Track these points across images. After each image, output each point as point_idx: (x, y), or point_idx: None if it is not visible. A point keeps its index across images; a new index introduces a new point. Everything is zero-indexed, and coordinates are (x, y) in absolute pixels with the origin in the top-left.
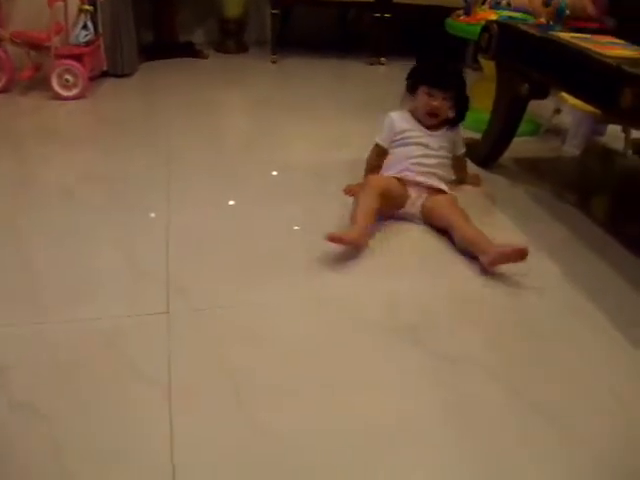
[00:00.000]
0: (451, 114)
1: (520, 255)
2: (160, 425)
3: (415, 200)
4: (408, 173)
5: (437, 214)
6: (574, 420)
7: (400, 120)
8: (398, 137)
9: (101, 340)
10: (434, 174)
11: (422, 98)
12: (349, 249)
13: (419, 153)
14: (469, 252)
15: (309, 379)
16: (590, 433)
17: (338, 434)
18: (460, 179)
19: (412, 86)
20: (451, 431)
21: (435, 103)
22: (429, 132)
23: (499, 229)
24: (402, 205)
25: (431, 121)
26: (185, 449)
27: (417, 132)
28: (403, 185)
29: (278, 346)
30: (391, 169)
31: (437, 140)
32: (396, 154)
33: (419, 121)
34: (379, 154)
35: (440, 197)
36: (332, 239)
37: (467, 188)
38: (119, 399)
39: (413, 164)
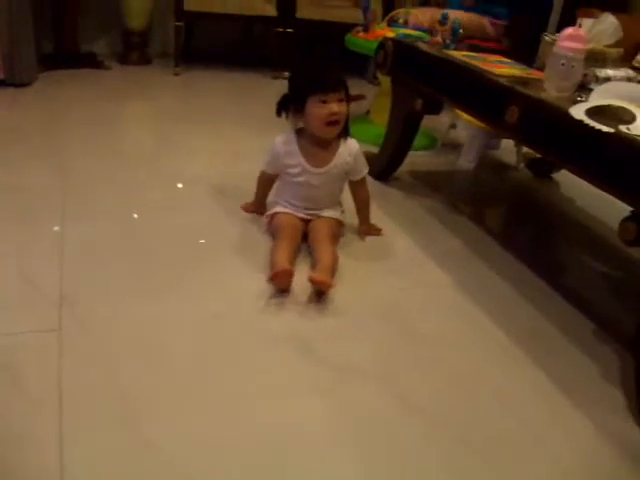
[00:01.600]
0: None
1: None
2: (49, 450)
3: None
4: (293, 210)
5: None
6: (460, 423)
7: (284, 152)
8: (283, 169)
9: None
10: (320, 209)
11: (315, 110)
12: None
13: (302, 194)
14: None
15: (201, 392)
16: (478, 437)
17: (228, 447)
18: (362, 220)
19: (299, 104)
20: (344, 436)
21: (335, 109)
22: (314, 170)
23: (392, 241)
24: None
25: (332, 132)
26: (76, 470)
27: (299, 170)
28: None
29: (171, 360)
30: (279, 203)
31: (322, 177)
32: (283, 184)
33: (305, 149)
34: (266, 179)
35: (317, 223)
36: (273, 276)
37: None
38: (5, 421)
39: (296, 203)
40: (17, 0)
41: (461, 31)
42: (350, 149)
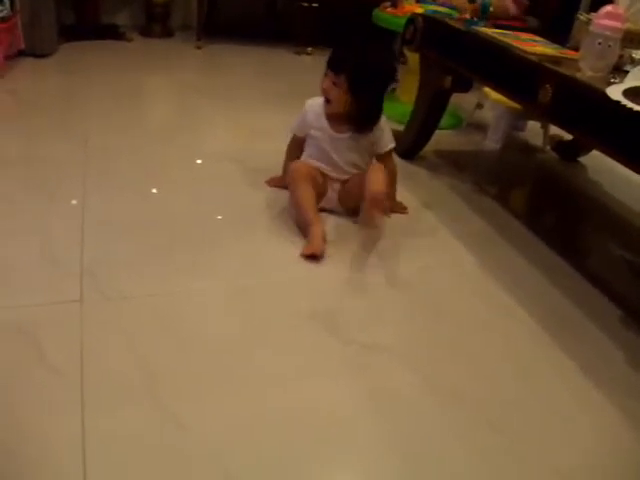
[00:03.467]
0: (352, 109)
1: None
2: (70, 419)
3: (330, 194)
4: (322, 166)
5: (353, 194)
6: (484, 404)
7: (312, 113)
8: (308, 131)
9: (10, 328)
10: (345, 172)
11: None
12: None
13: (324, 155)
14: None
15: (227, 370)
16: (502, 419)
17: (259, 426)
18: (388, 196)
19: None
20: (375, 419)
21: (323, 85)
22: (335, 134)
23: (418, 220)
24: (324, 194)
25: (328, 108)
26: (97, 445)
27: (321, 133)
28: (322, 174)
29: (195, 336)
30: (309, 157)
31: (343, 143)
32: (310, 145)
33: (331, 115)
34: (296, 143)
35: (355, 178)
36: (308, 256)
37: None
38: (27, 390)
39: (322, 163)
40: None
41: (491, 9)
42: (378, 123)
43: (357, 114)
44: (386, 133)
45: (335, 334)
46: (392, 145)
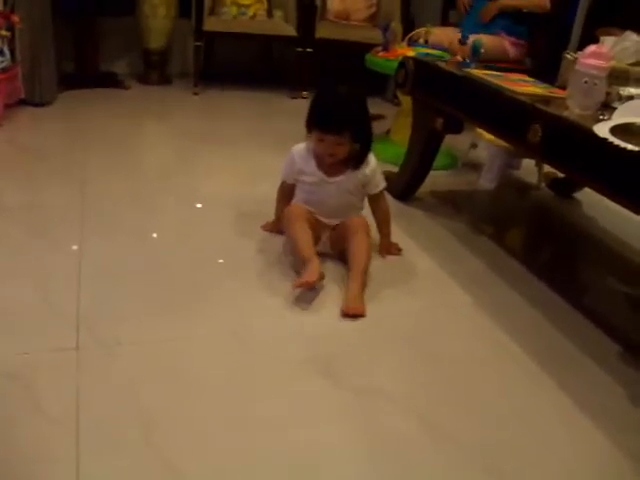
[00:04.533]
0: (352, 153)
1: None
2: (65, 468)
3: (324, 239)
4: (314, 211)
5: (342, 237)
6: (482, 446)
7: (300, 158)
8: (298, 177)
9: (5, 375)
10: (337, 216)
11: (315, 142)
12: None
13: (316, 199)
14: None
15: (223, 417)
16: (500, 461)
17: (256, 472)
18: (383, 236)
19: (308, 128)
20: (371, 463)
21: (329, 151)
22: (328, 178)
23: (413, 261)
24: (319, 237)
25: (330, 160)
26: None
27: (313, 178)
28: (315, 219)
29: (190, 383)
30: (301, 203)
31: (337, 187)
32: (302, 191)
33: (320, 160)
34: (286, 189)
35: (346, 221)
36: (300, 285)
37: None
38: (22, 438)
39: (314, 208)
40: (39, 21)
41: (482, 50)
42: (367, 162)
43: (356, 153)
44: (377, 173)
45: (330, 378)
46: (384, 185)
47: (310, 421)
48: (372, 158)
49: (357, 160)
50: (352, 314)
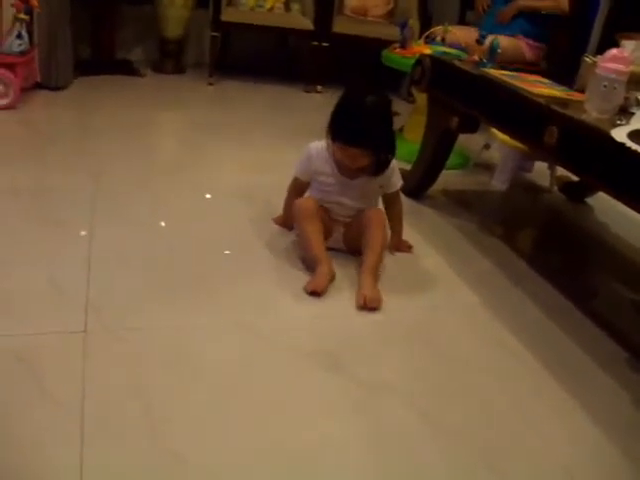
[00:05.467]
0: (372, 162)
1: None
2: (69, 452)
3: (336, 235)
4: (328, 207)
5: (358, 231)
6: (486, 445)
7: (318, 158)
8: (314, 176)
9: (11, 356)
10: (351, 215)
11: (336, 150)
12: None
13: (332, 199)
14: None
15: (228, 406)
16: (504, 461)
17: (258, 462)
18: (394, 233)
19: (330, 134)
20: (374, 458)
21: (350, 159)
22: (346, 180)
23: (423, 259)
24: (331, 232)
25: (351, 167)
26: (96, 476)
27: (332, 179)
28: (327, 213)
29: (196, 371)
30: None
31: (354, 190)
32: (316, 189)
33: (340, 163)
34: (299, 186)
35: (361, 216)
36: (313, 292)
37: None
38: (26, 420)
39: (328, 205)
40: (57, 5)
41: (499, 50)
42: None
43: (377, 163)
44: (396, 173)
45: (336, 371)
46: (401, 183)
47: (314, 413)
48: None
49: (379, 167)
50: (370, 306)
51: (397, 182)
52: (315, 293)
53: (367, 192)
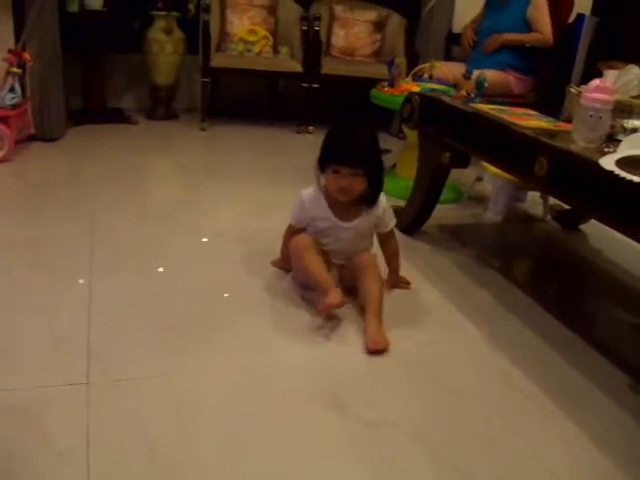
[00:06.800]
0: (366, 189)
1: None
2: None
3: (332, 274)
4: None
5: (352, 274)
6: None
7: (311, 203)
8: (310, 222)
9: (14, 411)
10: (345, 257)
11: (330, 176)
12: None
13: (328, 241)
14: None
15: (232, 452)
16: None
17: None
18: (391, 271)
19: (321, 165)
20: None
21: (343, 183)
22: (342, 224)
23: (421, 294)
24: (329, 266)
25: (344, 198)
26: None
27: (327, 223)
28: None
29: (200, 416)
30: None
31: (351, 231)
32: (312, 233)
33: (333, 203)
34: (294, 234)
35: (355, 260)
36: (324, 309)
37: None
38: (31, 475)
39: (324, 248)
40: (48, 57)
41: (486, 85)
42: (379, 202)
43: (368, 194)
44: (388, 211)
45: (338, 411)
46: (394, 222)
47: (317, 453)
48: (383, 197)
49: (370, 200)
50: (377, 349)
51: (390, 221)
52: (331, 306)
53: (362, 233)
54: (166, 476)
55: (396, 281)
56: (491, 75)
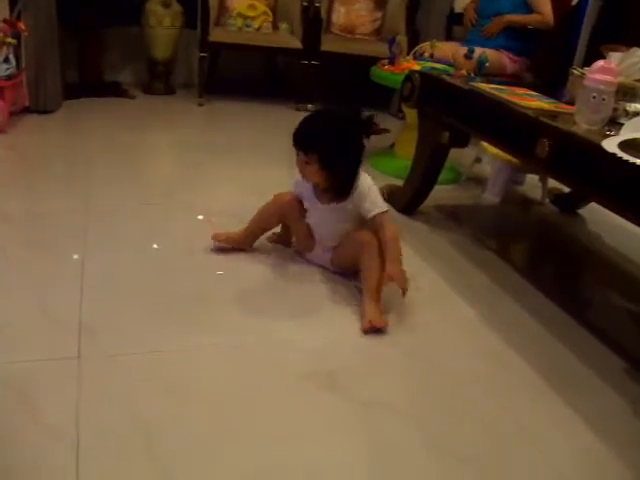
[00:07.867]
0: (330, 181)
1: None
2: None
3: (322, 254)
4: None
5: (348, 257)
6: (488, 464)
7: (299, 181)
8: (300, 197)
9: (4, 385)
10: (333, 241)
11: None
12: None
13: (313, 222)
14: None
15: (224, 429)
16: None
17: None
18: (387, 260)
19: None
20: (372, 475)
21: (298, 166)
22: (320, 205)
23: (418, 274)
24: (309, 248)
25: (307, 181)
26: None
27: (308, 202)
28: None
29: (192, 395)
30: None
31: (328, 213)
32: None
33: (314, 187)
34: (285, 197)
35: (349, 238)
36: (215, 237)
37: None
38: (20, 449)
39: (312, 229)
40: (44, 29)
41: (487, 64)
42: (355, 187)
43: (334, 185)
44: (370, 197)
45: (333, 392)
46: (379, 209)
47: (314, 432)
48: (362, 182)
49: (338, 192)
50: (375, 327)
51: (372, 208)
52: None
53: (345, 218)
54: (156, 452)
55: (395, 273)
56: (489, 54)
